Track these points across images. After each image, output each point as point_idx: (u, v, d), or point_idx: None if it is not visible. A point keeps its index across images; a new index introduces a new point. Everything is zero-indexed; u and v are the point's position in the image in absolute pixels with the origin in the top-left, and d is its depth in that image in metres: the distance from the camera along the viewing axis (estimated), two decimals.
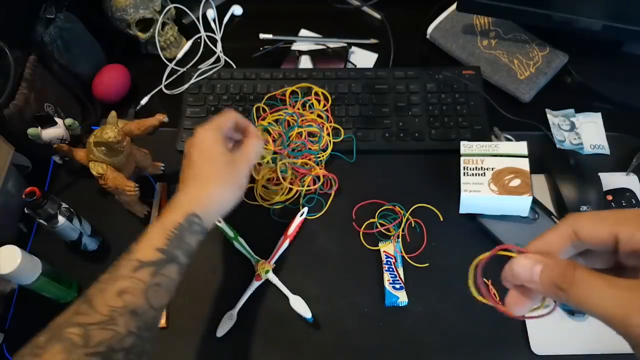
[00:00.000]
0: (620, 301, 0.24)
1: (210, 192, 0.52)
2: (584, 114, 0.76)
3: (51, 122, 0.67)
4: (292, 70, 0.82)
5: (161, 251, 0.46)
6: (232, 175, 0.54)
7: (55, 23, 0.73)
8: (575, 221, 0.28)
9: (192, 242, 0.49)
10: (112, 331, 0.40)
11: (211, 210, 0.52)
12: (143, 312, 0.43)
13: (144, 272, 0.44)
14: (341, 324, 0.63)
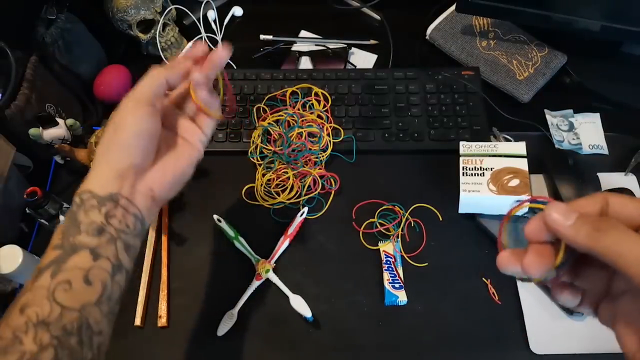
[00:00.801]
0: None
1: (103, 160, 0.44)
2: (583, 114, 0.77)
3: (52, 123, 0.67)
4: (292, 71, 0.82)
5: (57, 247, 0.40)
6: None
7: (57, 24, 0.73)
8: (608, 194, 0.29)
9: (91, 217, 0.41)
10: (17, 353, 0.35)
11: (108, 178, 0.43)
12: (56, 318, 0.37)
13: (43, 278, 0.38)
14: (341, 323, 0.63)
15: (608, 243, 0.25)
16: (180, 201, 0.72)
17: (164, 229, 0.69)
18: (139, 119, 0.44)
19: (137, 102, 0.45)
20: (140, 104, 0.44)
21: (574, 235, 0.27)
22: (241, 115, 0.77)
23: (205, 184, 0.73)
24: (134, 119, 0.44)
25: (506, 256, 0.31)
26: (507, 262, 0.31)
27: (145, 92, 0.45)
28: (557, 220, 0.28)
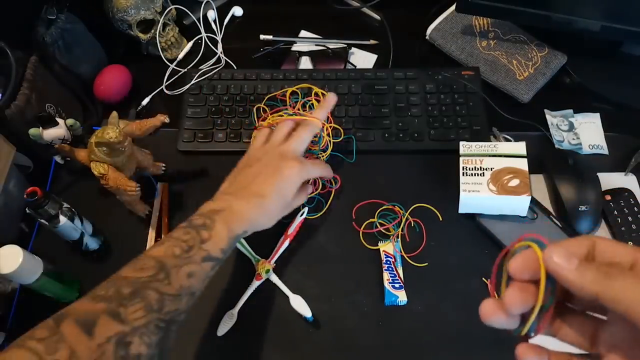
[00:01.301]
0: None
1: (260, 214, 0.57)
2: (583, 114, 0.77)
3: (52, 123, 0.67)
4: (292, 71, 0.82)
5: (223, 252, 0.51)
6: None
7: (57, 24, 0.73)
8: (595, 237, 0.28)
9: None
10: (178, 305, 0.45)
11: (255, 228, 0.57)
12: (197, 295, 0.48)
13: (208, 264, 0.49)
14: (341, 323, 0.63)
15: (617, 290, 0.24)
16: (180, 201, 0.72)
17: (164, 229, 0.69)
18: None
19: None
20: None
21: (579, 279, 0.25)
22: (241, 115, 0.77)
23: (205, 184, 0.73)
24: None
25: (491, 305, 0.28)
26: (491, 312, 0.28)
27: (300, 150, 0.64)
28: (560, 264, 0.26)
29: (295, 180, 0.59)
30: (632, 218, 0.66)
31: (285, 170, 0.58)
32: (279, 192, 0.58)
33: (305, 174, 0.60)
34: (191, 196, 0.72)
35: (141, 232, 0.69)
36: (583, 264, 0.26)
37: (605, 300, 0.24)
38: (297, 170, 0.59)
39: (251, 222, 0.55)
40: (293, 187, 0.59)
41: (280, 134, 0.64)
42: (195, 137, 0.76)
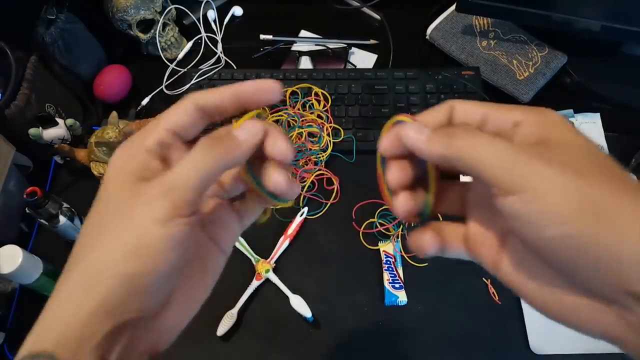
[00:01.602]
0: (507, 149, 0.23)
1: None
2: (583, 114, 0.77)
3: (52, 123, 0.67)
4: (292, 70, 0.82)
5: None
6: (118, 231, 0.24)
7: (57, 24, 0.73)
8: (454, 101, 0.28)
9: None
10: None
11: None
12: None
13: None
14: (341, 323, 0.63)
15: (463, 147, 0.24)
16: None
17: None
18: (176, 245, 0.24)
19: (174, 207, 0.24)
20: (179, 213, 0.24)
21: (428, 147, 0.25)
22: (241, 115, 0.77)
23: None
24: (167, 244, 0.23)
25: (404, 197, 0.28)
26: (405, 203, 0.28)
27: (191, 186, 0.24)
28: (413, 137, 0.26)
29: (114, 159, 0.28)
30: None
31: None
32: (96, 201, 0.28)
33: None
34: None
35: None
36: (434, 131, 0.25)
37: (451, 160, 0.24)
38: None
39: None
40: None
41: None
42: None
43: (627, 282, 0.21)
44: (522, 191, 0.22)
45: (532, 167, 0.22)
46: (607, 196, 0.21)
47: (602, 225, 0.21)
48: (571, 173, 0.22)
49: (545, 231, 0.22)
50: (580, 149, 0.23)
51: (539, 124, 0.24)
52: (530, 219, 0.22)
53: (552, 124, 0.24)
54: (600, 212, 0.21)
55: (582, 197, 0.21)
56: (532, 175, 0.22)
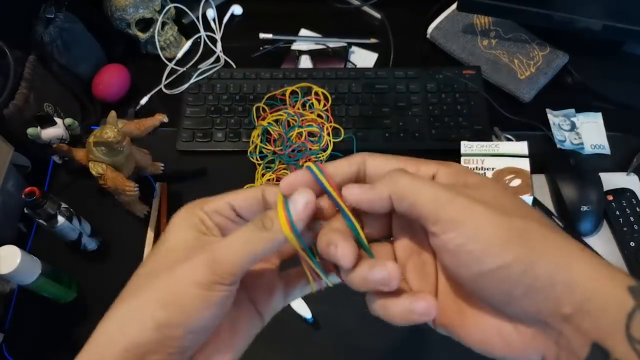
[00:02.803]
0: (441, 190, 0.24)
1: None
2: (585, 113, 0.76)
3: (51, 122, 0.67)
4: (292, 70, 0.81)
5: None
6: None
7: (55, 23, 0.73)
8: (366, 155, 0.28)
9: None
10: None
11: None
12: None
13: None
14: (341, 324, 0.63)
15: (405, 187, 0.25)
16: (179, 201, 0.71)
17: (163, 229, 0.68)
18: (210, 306, 0.25)
19: (216, 275, 0.25)
20: (219, 281, 0.25)
21: (374, 193, 0.26)
22: (240, 114, 0.77)
23: (204, 183, 0.73)
24: (202, 304, 0.25)
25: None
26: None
27: (237, 263, 0.26)
28: (356, 192, 0.26)
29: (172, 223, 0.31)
30: (634, 218, 0.66)
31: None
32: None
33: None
34: (190, 196, 0.71)
35: (140, 233, 0.69)
36: (381, 183, 0.26)
37: (394, 200, 0.25)
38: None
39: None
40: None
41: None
42: (194, 137, 0.75)
43: (558, 305, 0.22)
44: (459, 227, 0.23)
45: (466, 204, 0.24)
46: (531, 228, 0.23)
47: (534, 252, 0.22)
48: (498, 208, 0.24)
49: (483, 263, 0.23)
50: (494, 190, 0.26)
51: (453, 173, 0.27)
52: (468, 253, 0.23)
53: (464, 173, 0.27)
54: (530, 241, 0.23)
55: (512, 228, 0.23)
56: (467, 211, 0.24)
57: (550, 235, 0.23)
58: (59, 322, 0.63)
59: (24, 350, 0.62)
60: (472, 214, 0.23)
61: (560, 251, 0.23)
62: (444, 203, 0.24)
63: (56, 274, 0.61)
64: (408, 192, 0.25)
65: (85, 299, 0.65)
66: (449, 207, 0.24)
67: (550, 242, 0.23)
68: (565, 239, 0.23)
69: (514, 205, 0.25)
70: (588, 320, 0.21)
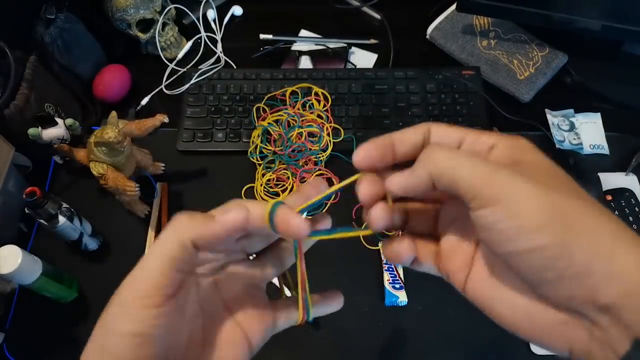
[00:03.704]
0: (480, 162, 0.24)
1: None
2: (584, 114, 0.76)
3: (52, 122, 0.67)
4: (292, 70, 0.82)
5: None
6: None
7: (56, 23, 0.73)
8: (431, 124, 0.28)
9: None
10: None
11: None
12: None
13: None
14: (341, 323, 0.63)
15: (442, 165, 0.25)
16: (180, 201, 0.72)
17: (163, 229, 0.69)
18: (138, 325, 0.25)
19: (136, 298, 0.25)
20: (139, 302, 0.25)
21: (413, 177, 0.26)
22: (241, 114, 0.77)
23: (205, 183, 0.73)
24: (127, 326, 0.25)
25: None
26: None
27: (154, 279, 0.26)
28: (401, 182, 0.27)
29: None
30: (633, 218, 0.66)
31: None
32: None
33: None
34: (191, 196, 0.72)
35: (140, 232, 0.69)
36: (419, 164, 0.26)
37: (433, 178, 0.25)
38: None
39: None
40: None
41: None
42: (195, 137, 0.75)
43: (595, 294, 0.21)
44: (496, 203, 0.22)
45: (506, 180, 0.23)
46: (576, 210, 0.22)
47: (572, 237, 0.21)
48: (543, 187, 0.23)
49: (516, 243, 0.22)
50: (548, 170, 0.25)
51: (512, 147, 0.25)
52: (502, 231, 0.22)
53: (524, 148, 0.26)
54: (570, 225, 0.21)
55: (553, 208, 0.22)
56: (506, 188, 0.22)
57: (597, 218, 0.22)
58: (60, 321, 0.64)
59: (25, 350, 0.62)
60: (509, 190, 0.22)
61: (604, 236, 0.21)
62: (482, 178, 0.23)
63: (57, 273, 0.61)
64: (445, 168, 0.24)
65: (85, 298, 0.65)
66: (486, 182, 0.23)
67: (595, 224, 0.22)
68: (614, 223, 0.22)
69: (564, 187, 0.24)
70: (631, 314, 0.20)
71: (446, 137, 0.27)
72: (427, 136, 0.28)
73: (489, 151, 0.26)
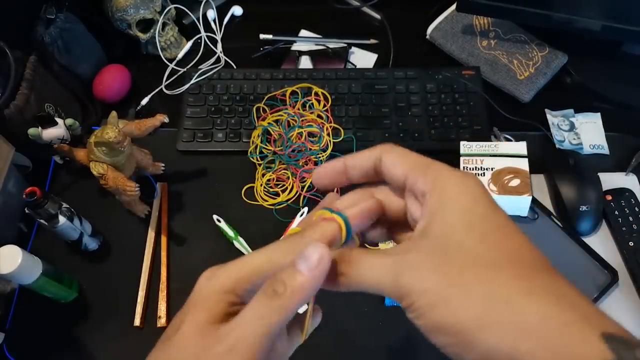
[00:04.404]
0: (388, 267, 0.24)
1: None
2: (584, 114, 0.77)
3: (52, 122, 0.67)
4: (292, 70, 0.82)
5: None
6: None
7: (56, 23, 0.73)
8: (384, 148, 0.28)
9: None
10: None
11: None
12: None
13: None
14: (341, 323, 0.63)
15: (355, 277, 0.25)
16: (180, 201, 0.72)
17: (164, 229, 0.69)
18: None
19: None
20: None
21: (333, 288, 0.26)
22: (241, 114, 0.77)
23: (205, 184, 0.73)
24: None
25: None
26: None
27: (258, 347, 0.24)
28: (306, 275, 0.24)
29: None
30: (633, 218, 0.66)
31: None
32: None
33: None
34: (191, 196, 0.72)
35: (140, 233, 0.69)
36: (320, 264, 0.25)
37: (355, 288, 0.26)
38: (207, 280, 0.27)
39: None
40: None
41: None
42: (195, 137, 0.75)
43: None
44: (408, 305, 0.23)
45: (409, 284, 0.23)
46: (476, 301, 0.22)
47: (471, 334, 0.21)
48: (442, 281, 0.23)
49: (430, 339, 0.23)
50: (462, 240, 0.24)
51: (436, 200, 0.25)
52: (420, 328, 0.23)
53: (447, 202, 0.25)
54: (468, 322, 0.22)
55: (449, 307, 0.22)
56: (411, 292, 0.23)
57: (498, 304, 0.21)
58: (60, 322, 0.64)
59: (25, 350, 0.62)
60: (413, 293, 0.23)
61: (505, 326, 0.21)
62: (391, 285, 0.24)
63: (57, 273, 0.61)
64: (359, 284, 0.25)
65: (86, 298, 0.65)
66: (396, 286, 0.24)
67: (494, 313, 0.21)
68: (519, 302, 0.21)
69: (471, 257, 0.23)
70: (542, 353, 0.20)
71: (393, 173, 0.27)
72: (377, 163, 0.28)
73: (423, 199, 0.26)
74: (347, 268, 0.25)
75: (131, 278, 0.65)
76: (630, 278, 0.63)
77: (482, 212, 0.24)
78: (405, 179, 0.27)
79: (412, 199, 0.27)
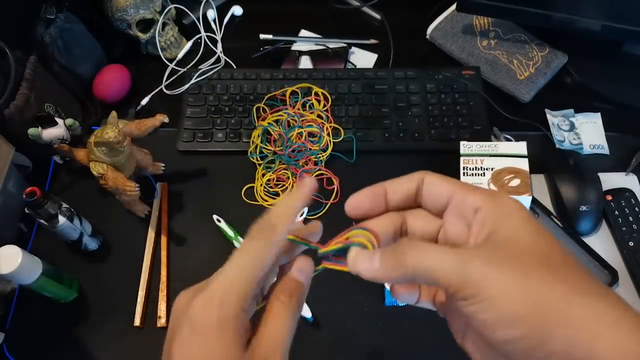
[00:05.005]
0: (455, 255, 0.24)
1: None
2: (584, 114, 0.76)
3: (52, 122, 0.67)
4: (292, 70, 0.82)
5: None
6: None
7: (56, 23, 0.73)
8: (428, 173, 0.29)
9: None
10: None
11: None
12: None
13: None
14: (341, 323, 0.63)
15: (415, 266, 0.25)
16: (180, 201, 0.72)
17: (163, 229, 0.69)
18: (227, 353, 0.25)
19: (223, 321, 0.26)
20: (227, 325, 0.26)
21: (387, 276, 0.26)
22: (241, 114, 0.77)
23: (205, 183, 0.73)
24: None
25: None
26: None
27: (235, 299, 0.27)
28: (368, 270, 0.27)
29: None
30: (633, 218, 0.66)
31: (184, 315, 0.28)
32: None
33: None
34: (191, 196, 0.72)
35: (141, 233, 0.69)
36: (384, 257, 0.26)
37: (412, 278, 0.26)
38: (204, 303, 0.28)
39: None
40: None
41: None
42: (195, 137, 0.75)
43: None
44: (474, 296, 0.23)
45: (480, 274, 0.23)
46: (554, 297, 0.22)
47: (549, 326, 0.22)
48: (519, 275, 0.23)
49: (495, 333, 0.23)
50: (531, 242, 0.25)
51: (496, 211, 0.26)
52: (483, 321, 0.23)
53: (508, 213, 0.26)
54: (545, 314, 0.22)
55: (528, 299, 0.22)
56: (480, 282, 0.23)
57: (578, 301, 0.22)
58: (60, 321, 0.64)
59: (25, 350, 0.62)
60: (484, 284, 0.23)
61: (585, 321, 0.22)
62: (457, 275, 0.24)
63: (57, 273, 0.61)
64: (419, 270, 0.25)
65: (86, 298, 0.65)
66: (462, 280, 0.24)
67: (575, 310, 0.22)
68: (601, 303, 0.22)
69: (544, 267, 0.23)
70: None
71: (436, 193, 0.28)
72: (420, 185, 0.29)
73: (473, 214, 0.26)
74: (411, 250, 0.26)
75: (131, 278, 0.65)
76: (630, 278, 0.63)
77: (539, 223, 0.26)
78: (449, 198, 0.28)
79: (453, 217, 0.28)
